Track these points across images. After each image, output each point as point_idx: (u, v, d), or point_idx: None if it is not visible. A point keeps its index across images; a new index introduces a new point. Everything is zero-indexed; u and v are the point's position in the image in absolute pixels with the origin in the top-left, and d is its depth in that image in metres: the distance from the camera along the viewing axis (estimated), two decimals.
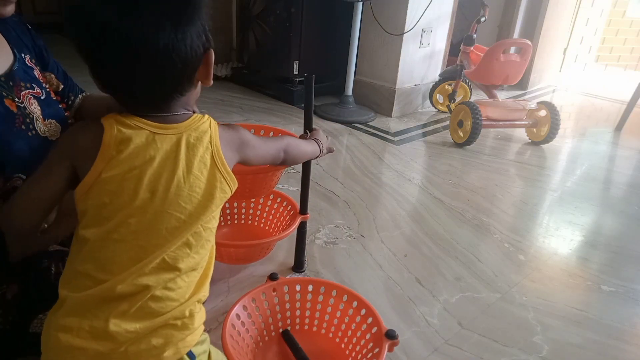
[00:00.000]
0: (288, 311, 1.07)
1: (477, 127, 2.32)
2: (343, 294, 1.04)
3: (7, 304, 0.75)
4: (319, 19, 2.84)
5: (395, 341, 0.91)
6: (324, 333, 1.08)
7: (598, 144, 2.68)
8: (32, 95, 0.82)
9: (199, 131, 0.67)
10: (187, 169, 0.64)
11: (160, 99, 0.64)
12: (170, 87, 0.63)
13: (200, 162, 0.65)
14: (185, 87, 0.65)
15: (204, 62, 0.65)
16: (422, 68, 2.91)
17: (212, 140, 0.68)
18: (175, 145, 0.64)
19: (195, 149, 0.65)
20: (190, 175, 0.64)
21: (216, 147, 0.68)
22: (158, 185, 0.62)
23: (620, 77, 4.37)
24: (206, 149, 0.66)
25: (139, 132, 0.63)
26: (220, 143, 0.68)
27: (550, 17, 3.45)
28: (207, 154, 0.66)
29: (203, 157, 0.66)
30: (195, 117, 0.68)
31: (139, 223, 0.61)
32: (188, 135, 0.65)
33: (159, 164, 0.62)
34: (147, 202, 0.61)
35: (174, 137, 0.64)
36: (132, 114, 0.64)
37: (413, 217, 1.74)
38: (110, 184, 0.61)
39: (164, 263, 0.62)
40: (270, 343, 1.05)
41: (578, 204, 1.93)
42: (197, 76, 0.66)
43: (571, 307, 1.33)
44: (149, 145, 0.62)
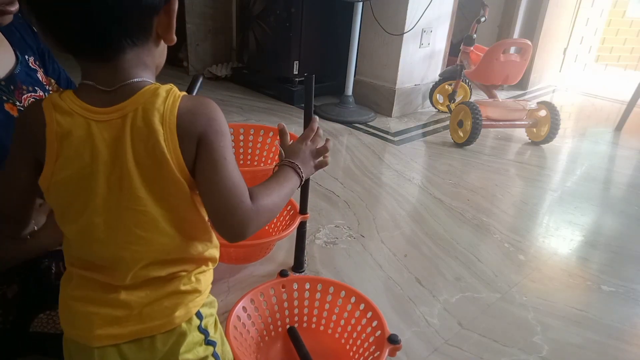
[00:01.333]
0: (296, 308, 1.08)
1: (477, 127, 2.32)
2: (351, 295, 1.05)
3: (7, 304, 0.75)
4: (319, 19, 2.84)
5: (397, 346, 0.91)
6: (330, 333, 1.08)
7: (598, 144, 2.68)
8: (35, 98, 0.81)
9: (149, 110, 0.54)
10: (134, 158, 0.55)
11: (104, 41, 0.53)
12: (115, 25, 0.53)
13: (147, 148, 0.55)
14: (136, 33, 0.55)
15: (165, 11, 0.56)
16: (422, 68, 2.91)
17: (164, 120, 0.55)
18: (120, 130, 0.54)
19: (141, 132, 0.54)
20: (140, 166, 0.55)
21: (169, 130, 0.55)
22: (113, 180, 0.55)
23: (620, 77, 4.37)
24: (155, 133, 0.54)
25: (78, 120, 0.55)
26: (177, 121, 0.55)
27: (550, 17, 3.45)
28: (158, 138, 0.54)
29: (151, 142, 0.54)
30: (148, 89, 0.56)
31: (107, 222, 0.57)
32: (134, 115, 0.54)
33: (108, 156, 0.55)
34: (108, 199, 0.56)
35: (118, 122, 0.54)
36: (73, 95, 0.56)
37: (413, 217, 1.74)
38: (65, 186, 0.56)
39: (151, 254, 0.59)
40: (275, 339, 1.06)
41: (578, 204, 1.94)
42: (155, 26, 0.56)
43: (571, 307, 1.33)
44: (91, 136, 0.55)
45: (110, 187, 0.56)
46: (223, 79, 3.28)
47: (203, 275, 0.65)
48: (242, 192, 0.60)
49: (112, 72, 0.55)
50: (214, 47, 3.39)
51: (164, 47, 0.61)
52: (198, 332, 0.64)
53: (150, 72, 0.59)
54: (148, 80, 0.57)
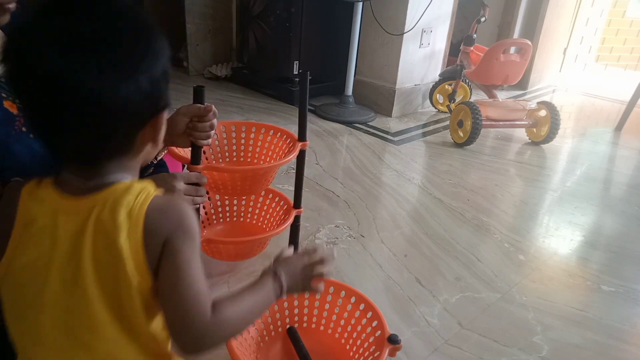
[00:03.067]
0: (296, 308, 1.08)
1: (477, 127, 2.32)
2: (351, 295, 1.05)
3: None
4: (319, 19, 2.84)
5: (397, 346, 0.91)
6: (330, 333, 1.08)
7: (598, 144, 2.68)
8: None
9: (118, 203, 0.52)
10: (92, 253, 0.52)
11: (86, 158, 0.54)
12: (95, 147, 0.52)
13: (108, 244, 0.51)
14: (118, 150, 0.54)
15: (151, 125, 0.54)
16: (422, 68, 2.91)
17: (132, 215, 0.52)
18: (84, 222, 0.52)
19: (104, 226, 0.51)
20: (97, 263, 0.52)
21: (134, 224, 0.51)
22: (67, 275, 0.52)
23: (620, 77, 4.37)
24: (119, 228, 0.51)
25: (47, 212, 0.53)
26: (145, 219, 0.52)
27: (550, 17, 3.45)
28: (119, 234, 0.51)
29: (113, 238, 0.51)
30: (122, 185, 0.54)
31: (52, 323, 0.53)
32: (102, 207, 0.52)
33: (67, 248, 0.52)
34: (58, 296, 0.52)
35: (83, 212, 0.52)
36: (51, 183, 0.55)
37: (413, 217, 1.74)
38: (19, 275, 0.54)
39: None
40: (275, 339, 1.06)
41: (578, 204, 1.94)
42: (140, 139, 0.54)
43: (571, 307, 1.33)
44: (55, 226, 0.52)
45: (63, 283, 0.52)
46: (223, 79, 3.28)
47: None
48: (203, 303, 0.54)
49: (91, 173, 0.55)
50: (214, 47, 3.39)
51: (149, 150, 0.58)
52: None
53: (131, 172, 0.57)
54: (124, 178, 0.56)
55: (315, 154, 2.19)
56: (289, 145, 1.30)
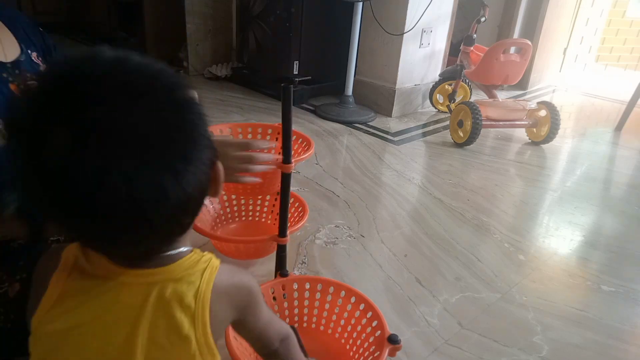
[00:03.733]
0: (296, 308, 1.08)
1: (477, 127, 2.32)
2: (351, 295, 1.05)
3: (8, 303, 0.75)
4: (319, 19, 2.84)
5: (398, 346, 0.91)
6: (330, 333, 1.08)
7: (598, 144, 2.68)
8: None
9: (183, 282, 0.48)
10: (149, 333, 0.47)
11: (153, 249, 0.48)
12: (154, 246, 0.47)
13: (170, 326, 0.47)
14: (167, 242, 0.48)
15: (212, 179, 0.48)
16: (422, 68, 2.91)
17: (198, 295, 0.48)
18: (142, 298, 0.47)
19: (168, 306, 0.47)
20: (153, 344, 0.47)
21: (202, 307, 0.48)
22: (107, 350, 0.47)
23: (620, 77, 4.37)
24: (185, 308, 0.47)
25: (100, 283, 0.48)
26: (211, 298, 0.49)
27: (550, 17, 3.45)
28: (184, 315, 0.47)
29: (177, 319, 0.47)
30: (186, 260, 0.49)
31: None
32: (163, 285, 0.47)
33: (113, 321, 0.47)
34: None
35: (143, 288, 0.47)
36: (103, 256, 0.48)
37: (413, 217, 1.74)
38: (49, 340, 0.48)
39: None
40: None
41: (578, 204, 1.94)
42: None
43: (571, 307, 1.33)
44: (102, 293, 0.47)
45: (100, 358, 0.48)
46: (223, 79, 3.28)
47: None
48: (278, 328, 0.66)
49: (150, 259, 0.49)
50: (214, 47, 3.39)
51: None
52: None
53: (185, 239, 0.51)
54: (183, 250, 0.50)
55: (315, 154, 2.19)
56: (302, 145, 1.31)
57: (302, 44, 2.81)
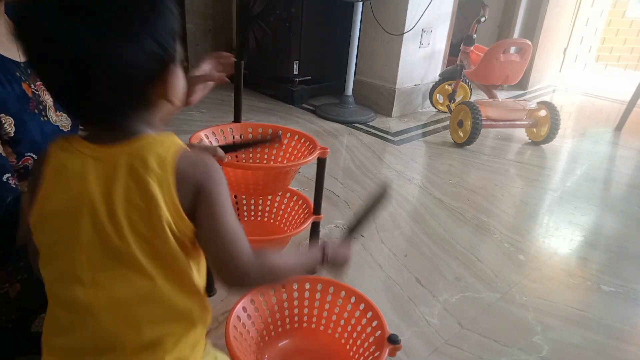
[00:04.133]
0: (296, 308, 1.08)
1: (477, 127, 2.32)
2: (351, 295, 1.05)
3: (9, 303, 0.76)
4: (319, 19, 2.84)
5: (398, 346, 0.91)
6: (330, 333, 1.08)
7: (598, 144, 2.68)
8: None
9: (149, 152, 0.55)
10: (124, 195, 0.54)
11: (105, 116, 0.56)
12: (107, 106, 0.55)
13: (141, 188, 0.54)
14: (134, 107, 0.56)
15: (162, 79, 0.55)
16: (422, 68, 2.91)
17: (163, 162, 0.55)
18: (114, 170, 0.54)
19: (137, 172, 0.54)
20: (129, 204, 0.54)
21: (166, 171, 0.55)
22: (99, 218, 0.54)
23: (620, 77, 4.37)
24: (151, 173, 0.54)
25: (76, 158, 0.56)
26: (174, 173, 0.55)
27: (550, 17, 3.45)
28: (151, 178, 0.54)
29: (146, 181, 0.54)
30: (149, 137, 0.56)
31: (90, 261, 0.55)
32: (131, 155, 0.55)
33: (98, 192, 0.54)
34: (92, 237, 0.55)
35: (114, 158, 0.55)
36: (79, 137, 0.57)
37: (413, 217, 1.74)
38: (51, 221, 0.56)
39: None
40: (275, 339, 1.06)
41: (578, 204, 1.94)
42: (153, 95, 0.56)
43: (571, 307, 1.33)
44: (85, 172, 0.55)
45: (95, 225, 0.55)
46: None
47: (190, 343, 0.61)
48: (242, 242, 0.60)
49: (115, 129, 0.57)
50: (214, 47, 3.39)
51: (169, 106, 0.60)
52: None
53: (154, 126, 0.59)
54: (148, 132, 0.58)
55: None
56: (307, 147, 1.30)
57: (302, 44, 2.81)
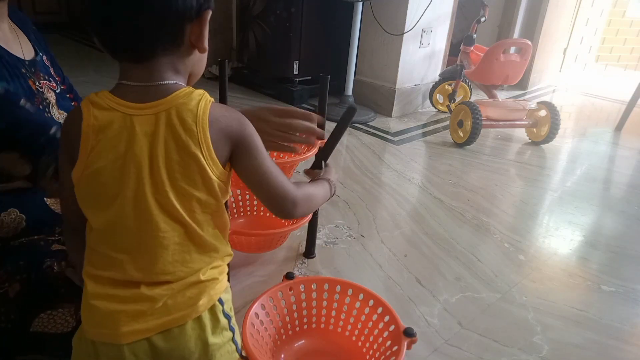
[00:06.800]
0: (304, 310, 1.08)
1: (477, 127, 2.32)
2: (359, 292, 1.05)
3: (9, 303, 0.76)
4: (319, 19, 2.84)
5: (414, 339, 0.92)
6: (339, 331, 1.08)
7: (598, 144, 2.68)
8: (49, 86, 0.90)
9: (183, 109, 0.59)
10: (165, 152, 0.58)
11: (140, 47, 0.58)
12: (147, 31, 0.57)
13: (179, 146, 0.58)
14: (170, 41, 0.59)
15: (197, 21, 0.59)
16: (422, 68, 2.91)
17: (197, 121, 0.59)
18: (154, 125, 0.58)
19: (175, 130, 0.58)
20: (169, 160, 0.59)
21: (202, 129, 0.59)
22: (143, 173, 0.58)
23: (620, 77, 4.37)
24: (188, 131, 0.58)
25: (115, 115, 0.58)
26: (209, 126, 0.59)
27: (550, 17, 3.45)
28: (189, 137, 0.58)
29: (184, 140, 0.58)
30: (182, 91, 0.60)
31: (136, 212, 0.59)
32: (168, 113, 0.58)
33: (141, 149, 0.58)
34: (137, 190, 0.59)
35: (152, 118, 0.58)
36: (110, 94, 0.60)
37: (413, 217, 1.74)
38: (97, 177, 0.59)
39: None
40: (291, 338, 1.06)
41: (578, 204, 1.94)
42: (188, 35, 0.60)
43: (571, 307, 1.33)
44: (127, 130, 0.58)
45: (140, 179, 0.58)
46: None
47: (220, 267, 0.68)
48: (286, 179, 0.68)
49: (145, 73, 0.60)
50: (214, 47, 3.39)
51: (200, 57, 0.64)
52: (223, 317, 0.66)
53: (183, 78, 0.63)
54: (181, 84, 0.61)
55: None
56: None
57: (302, 44, 2.81)
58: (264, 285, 1.29)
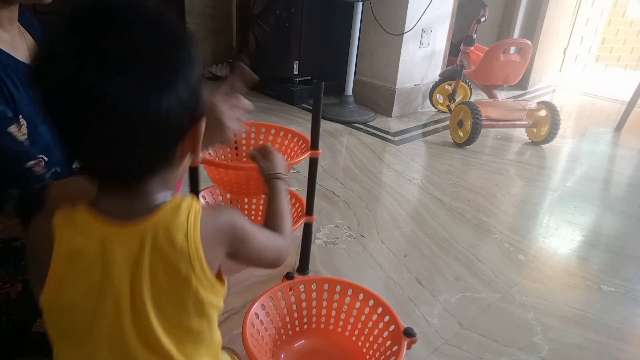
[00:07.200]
0: (305, 310, 1.08)
1: (477, 127, 2.32)
2: (359, 292, 1.05)
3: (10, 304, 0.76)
4: (319, 19, 2.84)
5: (414, 339, 0.92)
6: (339, 331, 1.08)
7: (598, 144, 2.68)
8: None
9: (172, 227, 0.52)
10: (151, 279, 0.52)
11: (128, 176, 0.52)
12: (137, 163, 0.51)
13: (168, 270, 0.52)
14: (160, 164, 0.53)
15: (191, 134, 0.53)
16: (422, 68, 2.91)
17: (189, 238, 0.53)
18: (138, 249, 0.51)
19: (163, 252, 0.52)
20: (156, 288, 0.52)
21: (195, 247, 0.53)
22: (123, 306, 0.52)
23: (620, 77, 4.37)
24: (179, 252, 0.52)
25: (91, 238, 0.51)
26: (201, 240, 0.53)
27: (550, 17, 3.45)
28: (180, 257, 0.52)
29: (174, 262, 0.52)
30: (169, 205, 0.53)
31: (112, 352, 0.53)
32: (154, 234, 0.52)
33: (121, 278, 0.51)
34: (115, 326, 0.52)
35: (135, 240, 0.51)
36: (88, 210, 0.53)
37: (413, 217, 1.74)
38: (69, 308, 0.53)
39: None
40: (291, 338, 1.06)
41: (578, 204, 1.94)
42: (181, 150, 0.53)
43: (571, 307, 1.33)
44: (105, 255, 0.51)
45: (118, 313, 0.52)
46: (223, 79, 3.28)
47: None
48: (274, 240, 0.69)
49: (130, 194, 0.53)
50: (214, 47, 3.39)
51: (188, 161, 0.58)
52: None
53: (172, 186, 0.57)
54: (167, 196, 0.55)
55: None
56: (300, 146, 1.29)
57: (302, 44, 2.81)
58: (264, 285, 1.29)
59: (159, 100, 0.47)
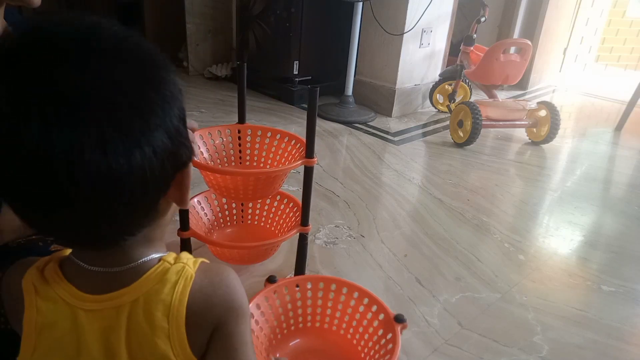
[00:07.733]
0: (299, 308, 1.08)
1: (477, 127, 2.32)
2: (342, 286, 1.05)
3: None
4: (319, 19, 2.84)
5: (405, 324, 0.93)
6: (330, 328, 1.08)
7: (598, 144, 2.68)
8: None
9: (154, 299, 0.45)
10: (128, 354, 0.46)
11: (100, 245, 0.45)
12: (110, 231, 0.43)
13: (146, 345, 0.46)
14: (140, 225, 0.45)
15: (176, 184, 0.45)
16: (422, 68, 2.91)
17: (170, 316, 0.45)
18: (114, 322, 0.45)
19: (141, 328, 0.45)
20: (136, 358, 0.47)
21: (176, 326, 0.46)
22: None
23: (620, 77, 4.37)
24: (157, 329, 0.45)
25: (62, 309, 0.45)
26: (186, 318, 0.46)
27: (550, 17, 3.45)
28: (158, 335, 0.46)
29: (151, 339, 0.45)
30: (155, 269, 0.46)
31: None
32: (133, 305, 0.45)
33: (97, 352, 0.46)
34: None
35: (112, 312, 0.45)
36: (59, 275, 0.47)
37: (413, 217, 1.74)
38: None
39: None
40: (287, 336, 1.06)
41: (578, 204, 1.94)
42: (165, 202, 0.46)
43: (571, 307, 1.33)
44: (78, 328, 0.45)
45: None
46: (223, 79, 3.28)
47: None
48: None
49: (109, 258, 0.46)
50: (214, 47, 3.39)
51: (174, 210, 0.50)
52: None
53: (158, 243, 0.50)
54: (154, 256, 0.48)
55: (315, 154, 2.19)
56: (298, 149, 1.27)
57: (302, 44, 2.80)
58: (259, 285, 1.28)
59: (130, 155, 0.37)
